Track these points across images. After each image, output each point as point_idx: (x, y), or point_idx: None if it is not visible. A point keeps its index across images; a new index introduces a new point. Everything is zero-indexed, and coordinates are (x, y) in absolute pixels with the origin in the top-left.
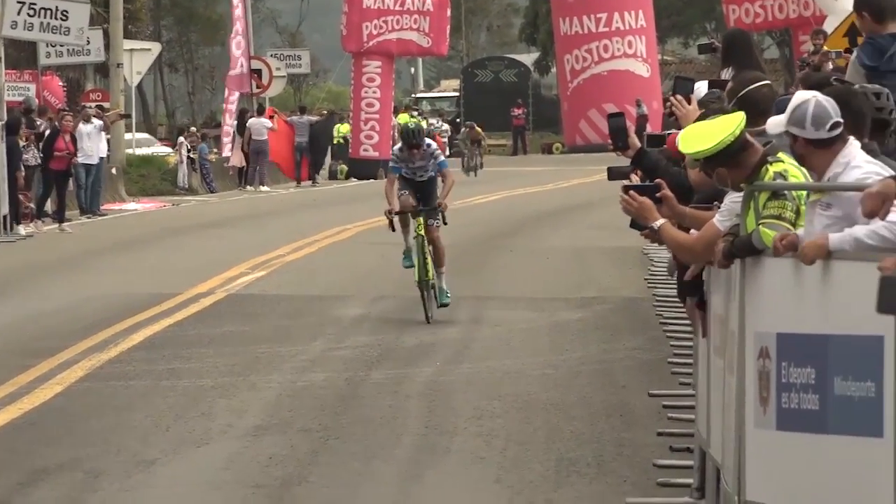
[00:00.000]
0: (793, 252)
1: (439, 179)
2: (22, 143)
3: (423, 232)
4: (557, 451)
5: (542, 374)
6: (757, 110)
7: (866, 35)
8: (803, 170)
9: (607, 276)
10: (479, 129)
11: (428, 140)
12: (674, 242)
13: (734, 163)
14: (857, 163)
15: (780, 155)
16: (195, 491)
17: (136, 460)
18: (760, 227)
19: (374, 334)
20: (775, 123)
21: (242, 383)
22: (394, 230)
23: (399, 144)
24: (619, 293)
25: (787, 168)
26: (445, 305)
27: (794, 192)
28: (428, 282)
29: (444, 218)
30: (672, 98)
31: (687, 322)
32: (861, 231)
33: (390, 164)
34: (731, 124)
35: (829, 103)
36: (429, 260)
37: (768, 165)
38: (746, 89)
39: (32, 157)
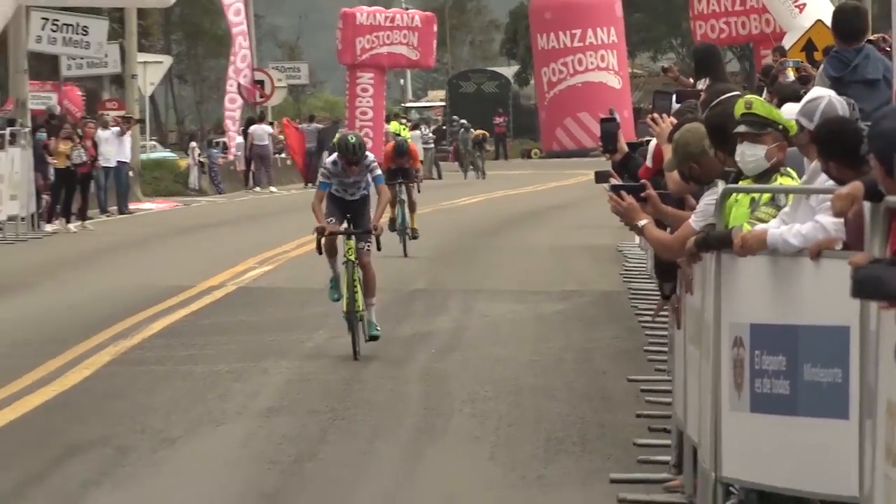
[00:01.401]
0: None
1: (373, 198)
2: (70, 146)
3: (353, 257)
4: (545, 431)
5: (528, 360)
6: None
7: (833, 49)
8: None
9: (585, 271)
10: (482, 133)
11: (369, 154)
12: (655, 241)
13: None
14: None
15: (790, 170)
16: (216, 467)
17: (160, 438)
18: (748, 223)
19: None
20: (789, 109)
21: (254, 368)
22: (321, 253)
23: (334, 157)
24: (596, 287)
25: (791, 184)
26: (375, 339)
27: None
28: (356, 314)
29: (378, 242)
30: (649, 117)
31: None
32: (789, 234)
33: (319, 178)
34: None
35: (840, 104)
36: (358, 289)
37: (778, 174)
38: (719, 99)
39: (76, 156)
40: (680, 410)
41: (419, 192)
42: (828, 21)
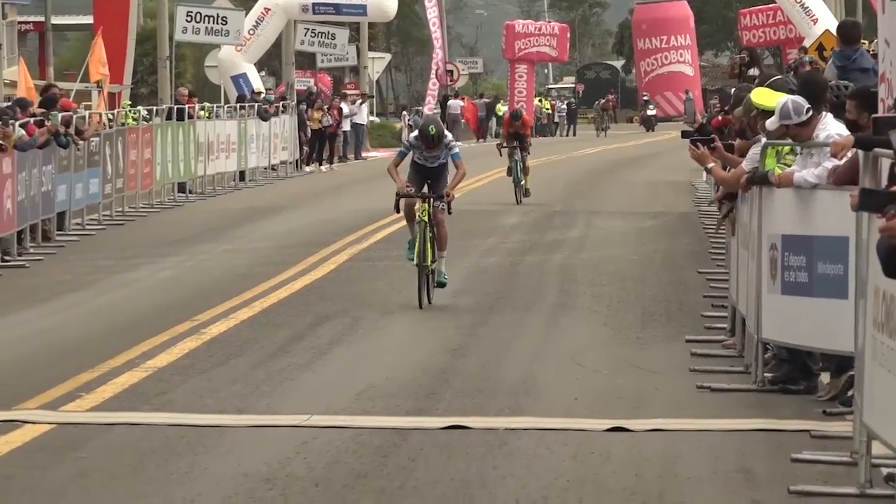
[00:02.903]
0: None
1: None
2: (322, 113)
3: (426, 218)
4: (642, 307)
5: (630, 259)
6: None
7: (838, 49)
8: None
9: (669, 199)
10: (610, 102)
11: (448, 134)
12: (719, 178)
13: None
14: (828, 128)
15: None
16: (418, 330)
17: (381, 311)
18: (778, 167)
19: (526, 234)
20: (771, 122)
21: (446, 264)
22: (398, 212)
23: (416, 133)
24: (676, 209)
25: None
26: (442, 286)
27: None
28: (426, 267)
29: (449, 207)
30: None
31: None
32: (807, 175)
33: (401, 147)
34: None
35: (799, 98)
36: (428, 246)
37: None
38: (768, 81)
39: (325, 121)
40: (734, 293)
41: (529, 153)
42: (833, 30)
